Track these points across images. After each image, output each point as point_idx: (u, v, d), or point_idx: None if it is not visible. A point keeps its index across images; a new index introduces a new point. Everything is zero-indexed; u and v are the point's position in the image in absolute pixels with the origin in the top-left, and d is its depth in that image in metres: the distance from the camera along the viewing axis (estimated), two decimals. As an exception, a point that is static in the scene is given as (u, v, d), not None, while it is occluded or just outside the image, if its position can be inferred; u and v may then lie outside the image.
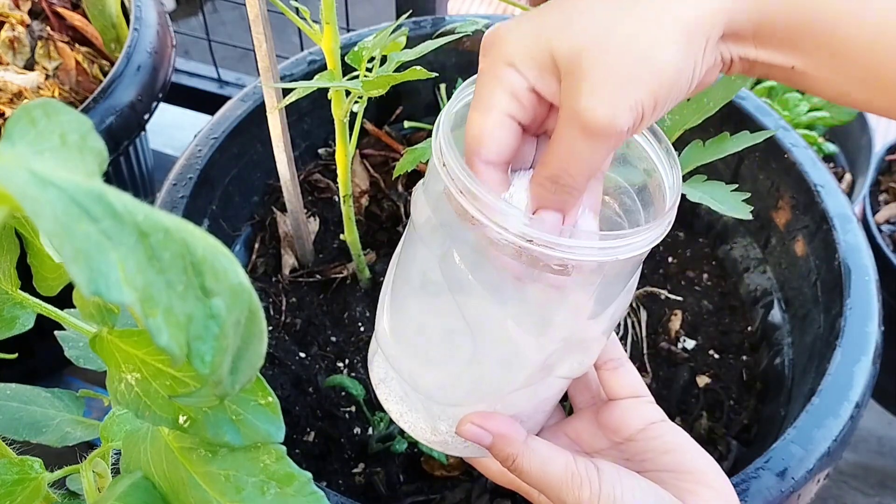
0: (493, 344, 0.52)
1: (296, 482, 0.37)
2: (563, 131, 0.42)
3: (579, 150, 0.42)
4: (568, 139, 0.42)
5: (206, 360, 0.26)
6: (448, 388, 0.57)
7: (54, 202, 0.23)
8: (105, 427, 0.49)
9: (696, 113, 0.59)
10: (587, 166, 0.43)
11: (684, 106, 0.60)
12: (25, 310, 0.42)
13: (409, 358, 0.59)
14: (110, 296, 0.23)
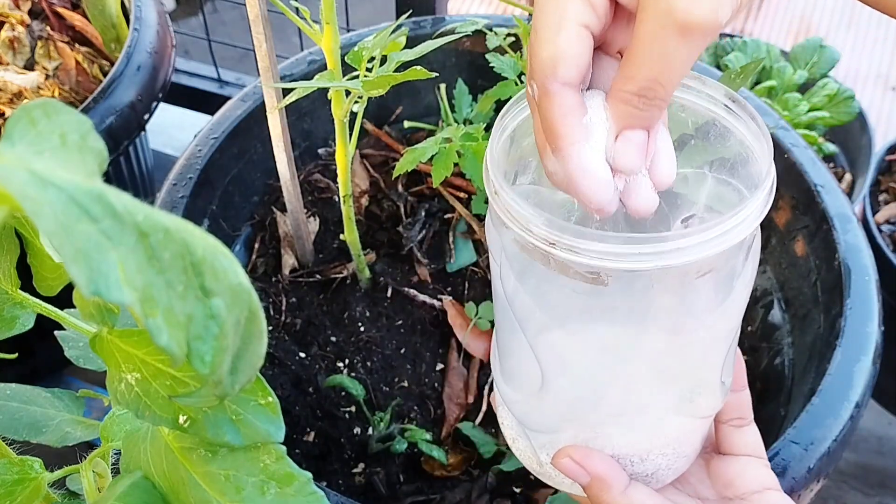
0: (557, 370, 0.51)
1: (296, 482, 0.37)
2: (654, 34, 0.38)
3: (675, 54, 0.38)
4: (661, 42, 0.37)
5: (206, 360, 0.26)
6: (530, 414, 0.55)
7: (54, 202, 0.23)
8: (105, 427, 0.49)
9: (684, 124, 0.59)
10: (682, 71, 0.39)
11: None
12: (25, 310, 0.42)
13: (499, 378, 0.58)
14: (110, 296, 0.23)
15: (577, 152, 0.40)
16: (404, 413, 0.89)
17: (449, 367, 0.93)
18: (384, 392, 0.91)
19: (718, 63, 1.50)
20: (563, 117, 0.40)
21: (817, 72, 1.47)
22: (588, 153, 0.40)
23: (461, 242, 1.01)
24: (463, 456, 0.86)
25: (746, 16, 2.25)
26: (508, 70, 0.85)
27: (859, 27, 2.21)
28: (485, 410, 0.90)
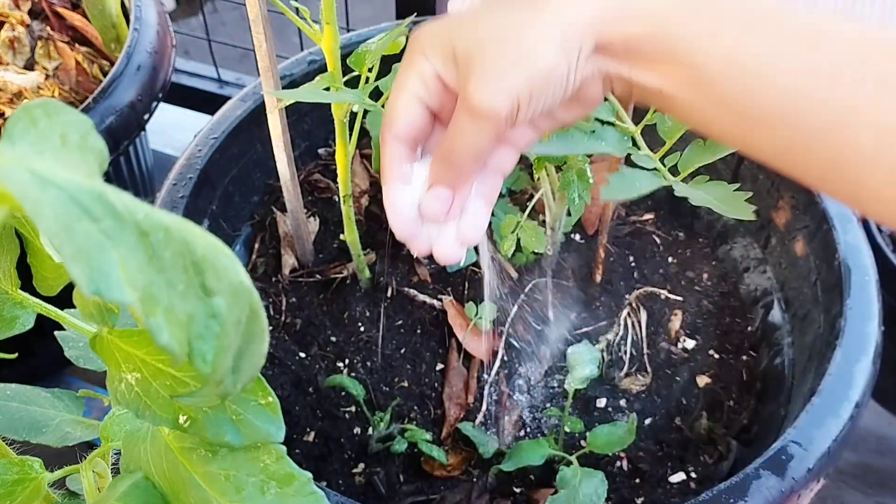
0: None
1: (296, 482, 0.37)
2: (456, 114, 0.47)
3: (466, 131, 0.47)
4: (458, 121, 0.47)
5: (207, 359, 0.26)
6: None
7: (55, 202, 0.23)
8: (105, 427, 0.49)
9: None
10: (473, 147, 0.47)
11: None
12: (25, 310, 0.42)
13: None
14: (111, 295, 0.23)
15: (391, 189, 0.50)
16: (404, 413, 0.89)
17: (449, 367, 0.93)
18: (384, 392, 0.91)
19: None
20: (389, 161, 0.50)
21: (817, 72, 1.47)
22: (397, 192, 0.50)
23: (461, 242, 1.01)
24: (463, 456, 0.86)
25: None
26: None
27: (859, 27, 2.21)
28: (485, 410, 0.90)
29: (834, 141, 0.41)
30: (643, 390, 0.91)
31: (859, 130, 0.40)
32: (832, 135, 0.41)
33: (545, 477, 0.85)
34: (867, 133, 0.40)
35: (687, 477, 0.84)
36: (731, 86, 0.43)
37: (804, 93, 0.41)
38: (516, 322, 0.97)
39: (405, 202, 0.51)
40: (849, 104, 0.40)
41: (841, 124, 0.41)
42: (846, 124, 0.41)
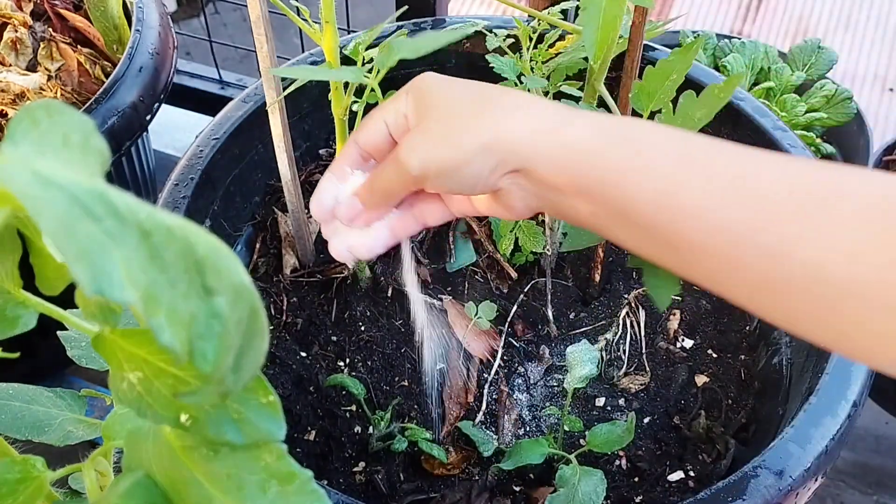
0: None
1: (297, 480, 0.37)
2: (391, 156, 0.55)
3: (387, 169, 0.55)
4: (387, 158, 0.56)
5: (208, 358, 0.26)
6: None
7: (57, 202, 0.23)
8: (107, 426, 0.49)
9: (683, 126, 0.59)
10: (387, 184, 0.56)
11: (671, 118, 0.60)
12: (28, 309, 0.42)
13: None
14: (113, 295, 0.23)
15: (325, 178, 0.59)
16: (405, 412, 0.90)
17: (449, 366, 0.93)
18: (385, 391, 0.91)
19: (717, 64, 1.50)
20: (339, 157, 0.59)
21: (815, 73, 1.48)
22: (328, 182, 0.59)
23: (461, 242, 1.01)
24: (463, 454, 0.87)
25: (745, 18, 2.25)
26: (508, 71, 0.86)
27: (857, 29, 2.21)
28: (485, 409, 0.90)
29: (764, 270, 0.44)
30: (642, 389, 0.91)
31: (789, 264, 0.43)
32: (762, 264, 0.44)
33: (544, 476, 0.85)
34: (796, 266, 0.43)
35: (685, 476, 0.84)
36: (662, 218, 0.47)
37: (732, 227, 0.45)
38: (516, 321, 0.97)
39: (329, 193, 0.59)
40: (776, 239, 0.44)
41: (769, 257, 0.44)
42: (775, 257, 0.44)
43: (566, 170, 0.49)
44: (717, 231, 0.45)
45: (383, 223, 0.60)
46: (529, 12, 0.83)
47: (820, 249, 0.43)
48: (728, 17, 2.29)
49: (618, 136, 0.49)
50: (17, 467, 0.45)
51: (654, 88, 0.63)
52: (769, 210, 0.44)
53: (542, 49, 0.86)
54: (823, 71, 1.48)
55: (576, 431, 0.87)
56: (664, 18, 2.27)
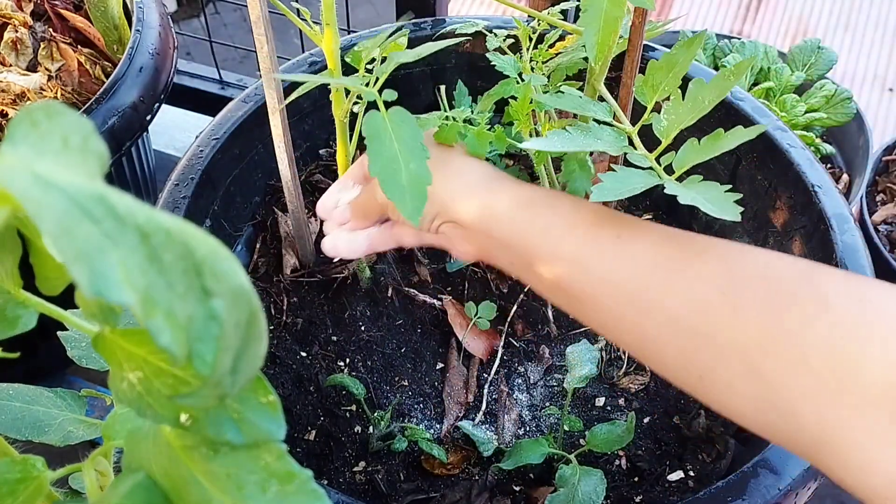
0: None
1: (297, 480, 0.37)
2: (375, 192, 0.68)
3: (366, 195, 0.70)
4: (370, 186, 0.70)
5: (206, 360, 0.26)
6: None
7: (56, 203, 0.23)
8: (107, 426, 0.49)
9: (692, 111, 0.59)
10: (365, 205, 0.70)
11: (680, 105, 0.60)
12: (28, 309, 0.42)
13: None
14: (111, 296, 0.23)
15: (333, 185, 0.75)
16: (405, 412, 0.90)
17: (449, 366, 0.93)
18: (385, 391, 0.91)
19: (717, 64, 1.50)
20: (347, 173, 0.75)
21: (815, 73, 1.48)
22: (333, 189, 0.75)
23: (461, 243, 1.01)
24: (463, 454, 0.87)
25: (744, 18, 2.26)
26: (510, 68, 0.86)
27: (857, 29, 2.21)
28: (485, 409, 0.90)
29: (638, 322, 0.52)
30: (642, 389, 0.91)
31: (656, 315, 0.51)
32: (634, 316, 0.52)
33: (544, 475, 0.85)
34: (661, 317, 0.51)
35: (685, 475, 0.84)
36: (557, 272, 0.55)
37: (610, 280, 0.53)
38: (516, 321, 0.97)
39: (332, 198, 0.74)
40: (644, 293, 0.51)
41: (640, 310, 0.52)
42: (643, 310, 0.51)
43: (484, 227, 0.60)
44: (598, 283, 0.53)
45: (366, 233, 0.72)
46: (529, 12, 0.83)
47: (678, 303, 0.50)
48: (728, 18, 2.29)
49: (527, 202, 0.59)
50: (17, 467, 0.45)
51: (659, 81, 0.63)
52: (639, 267, 0.52)
53: (543, 49, 0.86)
54: (823, 71, 1.48)
55: (576, 431, 0.87)
56: (664, 19, 2.27)
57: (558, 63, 0.84)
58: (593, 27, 0.59)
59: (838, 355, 0.43)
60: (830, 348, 0.43)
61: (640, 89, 0.63)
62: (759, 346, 0.46)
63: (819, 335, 0.44)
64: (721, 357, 0.48)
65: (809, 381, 0.44)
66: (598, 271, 0.53)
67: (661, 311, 0.50)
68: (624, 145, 0.59)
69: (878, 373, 0.42)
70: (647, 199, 1.08)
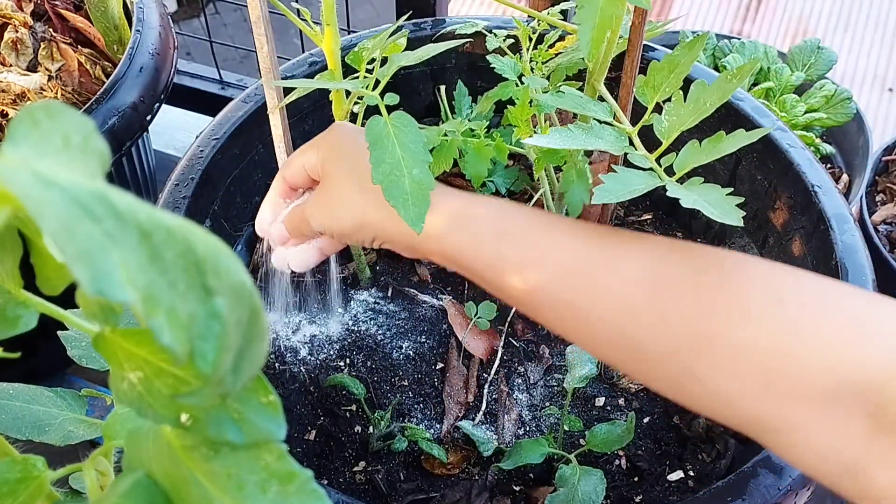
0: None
1: (297, 480, 0.37)
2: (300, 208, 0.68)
3: (299, 220, 0.67)
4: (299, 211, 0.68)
5: (208, 358, 0.26)
6: None
7: (57, 203, 0.23)
8: (107, 426, 0.49)
9: (693, 113, 0.59)
10: (300, 229, 0.68)
11: (681, 106, 0.60)
12: (28, 309, 0.42)
13: None
14: (113, 295, 0.23)
15: (263, 208, 0.71)
16: (405, 411, 0.90)
17: (449, 365, 0.93)
18: (385, 391, 0.91)
19: (717, 65, 1.50)
20: (271, 191, 0.71)
21: (815, 73, 1.48)
22: (264, 209, 0.71)
23: (461, 243, 1.01)
24: (463, 454, 0.87)
25: (744, 18, 2.26)
26: (509, 71, 0.86)
27: (857, 29, 2.21)
28: (484, 409, 0.90)
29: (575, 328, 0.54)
30: (641, 389, 0.91)
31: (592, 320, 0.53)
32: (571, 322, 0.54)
33: (544, 475, 0.85)
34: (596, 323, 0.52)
35: (685, 475, 0.84)
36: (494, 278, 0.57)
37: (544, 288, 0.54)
38: (516, 321, 0.97)
39: (266, 219, 0.71)
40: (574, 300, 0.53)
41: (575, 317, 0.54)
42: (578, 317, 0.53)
43: (414, 247, 0.61)
44: (533, 292, 0.55)
45: (313, 244, 0.71)
46: (529, 13, 0.83)
47: (608, 310, 0.51)
48: (728, 18, 2.29)
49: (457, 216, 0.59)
50: (17, 467, 0.45)
51: (660, 82, 0.63)
52: (567, 276, 0.53)
53: (542, 49, 0.86)
54: (823, 71, 1.48)
55: (575, 431, 0.87)
56: (664, 19, 2.27)
57: (558, 63, 0.84)
58: (588, 24, 0.59)
59: (762, 355, 0.46)
60: (754, 350, 0.46)
61: (641, 90, 0.63)
62: (690, 349, 0.48)
63: (743, 338, 0.47)
64: (658, 361, 0.50)
65: (738, 382, 0.47)
66: (530, 280, 0.55)
67: (597, 318, 0.52)
68: (625, 145, 0.59)
69: (803, 366, 0.45)
70: (647, 200, 1.08)
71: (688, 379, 0.49)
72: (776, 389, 0.46)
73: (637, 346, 0.50)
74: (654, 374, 0.51)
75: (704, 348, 0.48)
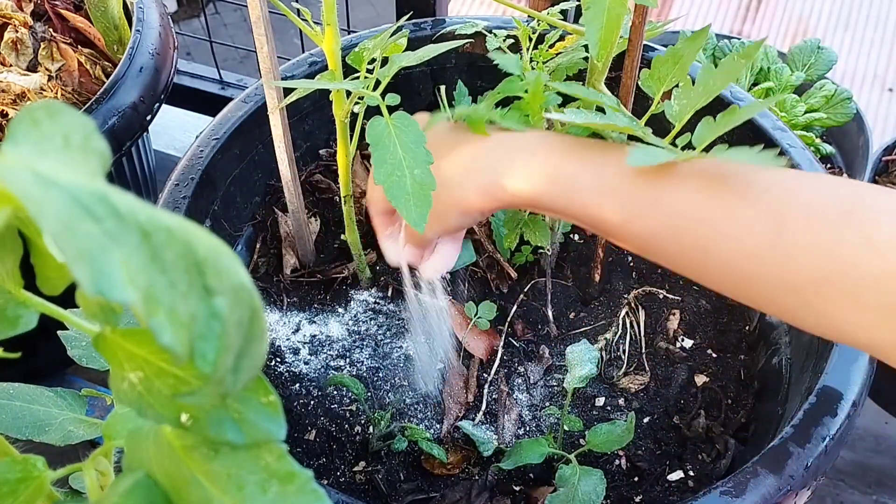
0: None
1: (297, 480, 0.37)
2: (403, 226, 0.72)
3: (413, 235, 0.69)
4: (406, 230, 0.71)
5: (208, 358, 0.26)
6: None
7: (57, 202, 0.23)
8: (108, 426, 0.49)
9: (703, 95, 0.59)
10: (419, 241, 0.70)
11: (690, 89, 0.60)
12: (28, 309, 0.42)
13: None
14: (113, 295, 0.23)
15: (383, 244, 0.74)
16: (405, 411, 0.90)
17: (449, 365, 0.93)
18: (385, 391, 0.91)
19: (717, 64, 1.50)
20: (377, 228, 0.74)
21: (815, 73, 1.48)
22: (386, 246, 0.74)
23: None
24: (463, 454, 0.87)
25: (745, 18, 2.26)
26: (513, 66, 0.85)
27: (857, 29, 2.21)
28: (484, 409, 0.90)
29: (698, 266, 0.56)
30: (642, 389, 0.91)
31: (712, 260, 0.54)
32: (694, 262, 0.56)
33: (544, 475, 0.85)
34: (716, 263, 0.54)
35: (685, 475, 0.84)
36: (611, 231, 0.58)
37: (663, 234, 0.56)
38: (516, 321, 0.97)
39: (392, 254, 0.73)
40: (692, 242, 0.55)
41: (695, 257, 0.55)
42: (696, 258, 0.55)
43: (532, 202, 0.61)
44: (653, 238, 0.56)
45: (443, 245, 0.73)
46: (529, 13, 0.83)
47: (731, 252, 0.53)
48: (728, 17, 2.29)
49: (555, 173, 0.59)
50: (17, 467, 0.45)
51: (665, 73, 0.63)
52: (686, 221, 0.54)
53: (543, 49, 0.86)
54: (823, 71, 1.48)
55: (576, 431, 0.87)
56: (664, 19, 2.27)
57: (558, 63, 0.84)
58: (596, 24, 0.59)
59: (885, 287, 0.48)
60: (876, 282, 0.48)
61: (647, 82, 0.64)
62: (811, 284, 0.50)
63: (868, 271, 0.48)
64: (776, 295, 0.52)
65: (857, 314, 0.49)
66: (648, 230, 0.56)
67: (717, 259, 0.53)
68: (641, 126, 0.59)
69: None
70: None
71: (806, 311, 0.51)
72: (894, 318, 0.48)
73: (758, 282, 0.52)
74: (773, 306, 0.53)
75: (827, 283, 0.50)
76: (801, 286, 0.50)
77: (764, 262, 0.51)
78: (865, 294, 0.48)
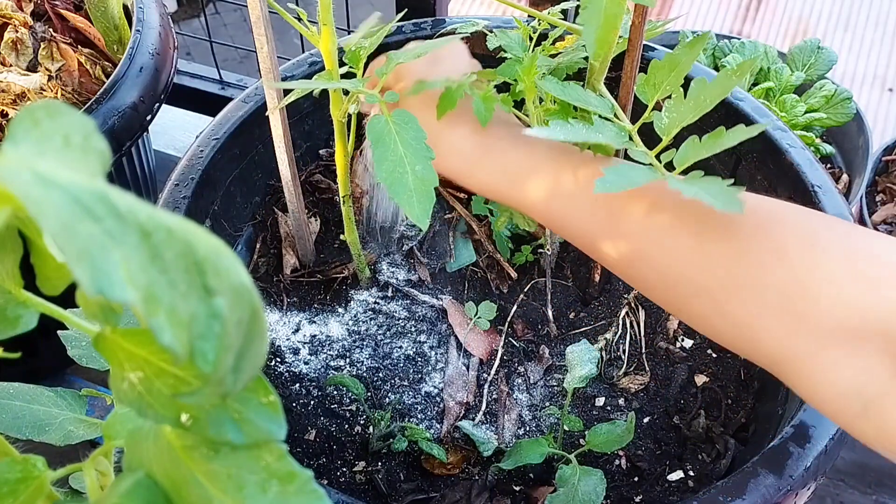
0: None
1: (297, 480, 0.37)
2: None
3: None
4: None
5: (208, 358, 0.26)
6: None
7: (57, 202, 0.23)
8: (108, 426, 0.49)
9: (693, 110, 0.59)
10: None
11: (681, 103, 0.60)
12: (28, 309, 0.42)
13: None
14: (113, 295, 0.23)
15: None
16: (405, 411, 0.90)
17: (449, 365, 0.93)
18: (385, 390, 0.91)
19: (717, 65, 1.50)
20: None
21: (815, 73, 1.48)
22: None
23: (461, 242, 1.01)
24: (463, 454, 0.87)
25: (744, 18, 2.25)
26: (516, 47, 0.85)
27: (857, 29, 2.21)
28: (484, 409, 0.90)
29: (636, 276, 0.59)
30: (642, 389, 0.91)
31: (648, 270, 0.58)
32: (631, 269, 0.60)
33: (544, 475, 0.85)
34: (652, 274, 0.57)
35: (685, 475, 0.84)
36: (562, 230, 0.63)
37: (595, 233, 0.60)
38: (516, 321, 0.97)
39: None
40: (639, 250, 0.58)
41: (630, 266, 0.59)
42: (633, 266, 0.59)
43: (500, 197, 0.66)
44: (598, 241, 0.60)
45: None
46: (529, 12, 0.83)
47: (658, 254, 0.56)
48: (728, 17, 2.29)
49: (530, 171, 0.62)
50: (17, 467, 0.45)
51: (661, 80, 0.63)
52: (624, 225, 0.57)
53: (546, 46, 0.86)
54: (823, 71, 1.48)
55: (576, 431, 0.87)
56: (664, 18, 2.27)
57: (558, 63, 0.84)
58: (593, 23, 0.59)
59: (791, 297, 0.50)
60: (784, 291, 0.50)
61: (642, 88, 0.63)
62: (723, 288, 0.52)
63: (774, 280, 0.50)
64: (694, 296, 0.54)
65: (765, 321, 0.50)
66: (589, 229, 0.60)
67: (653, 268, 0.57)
68: (625, 140, 0.59)
69: (830, 307, 0.48)
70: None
71: (718, 316, 0.53)
72: (802, 329, 0.49)
73: (681, 283, 0.55)
74: (686, 308, 0.56)
75: (736, 289, 0.51)
76: (715, 290, 0.53)
77: (686, 266, 0.54)
78: (772, 302, 0.50)
